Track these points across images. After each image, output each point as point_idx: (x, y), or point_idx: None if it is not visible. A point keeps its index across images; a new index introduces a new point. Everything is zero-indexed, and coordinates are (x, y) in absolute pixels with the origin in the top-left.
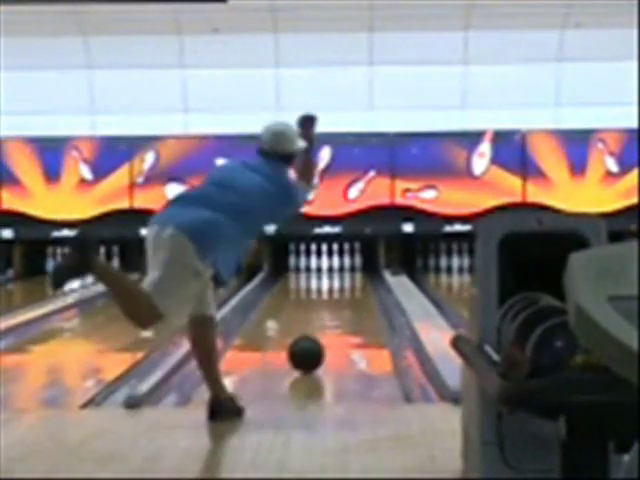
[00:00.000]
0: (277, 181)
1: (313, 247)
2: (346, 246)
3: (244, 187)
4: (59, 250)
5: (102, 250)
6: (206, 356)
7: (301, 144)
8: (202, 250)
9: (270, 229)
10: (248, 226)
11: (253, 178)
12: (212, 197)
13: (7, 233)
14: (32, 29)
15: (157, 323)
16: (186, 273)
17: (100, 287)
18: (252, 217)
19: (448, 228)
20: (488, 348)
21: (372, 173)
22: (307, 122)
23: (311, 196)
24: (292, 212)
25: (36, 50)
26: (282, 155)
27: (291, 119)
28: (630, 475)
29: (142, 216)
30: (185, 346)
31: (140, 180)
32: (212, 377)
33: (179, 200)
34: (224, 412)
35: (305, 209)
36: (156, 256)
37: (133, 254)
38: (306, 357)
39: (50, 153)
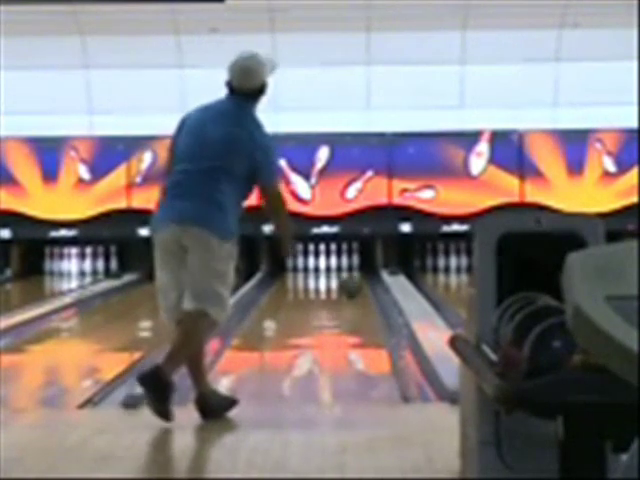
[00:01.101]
0: (243, 125)
1: (311, 247)
2: (344, 246)
3: (212, 146)
4: (56, 250)
5: (100, 250)
6: (194, 353)
7: (270, 70)
8: (221, 233)
9: (268, 229)
10: (233, 178)
11: (217, 130)
12: (192, 174)
13: (5, 233)
14: (29, 29)
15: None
16: (221, 265)
17: (98, 287)
18: (231, 166)
19: (446, 228)
20: (486, 348)
21: (370, 173)
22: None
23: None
24: (265, 150)
25: (34, 50)
26: (251, 90)
27: (289, 119)
28: (628, 475)
29: (140, 216)
30: None
31: (138, 180)
32: (198, 374)
33: (172, 191)
34: (214, 407)
35: (303, 209)
36: (180, 257)
37: (131, 254)
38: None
39: (48, 153)
